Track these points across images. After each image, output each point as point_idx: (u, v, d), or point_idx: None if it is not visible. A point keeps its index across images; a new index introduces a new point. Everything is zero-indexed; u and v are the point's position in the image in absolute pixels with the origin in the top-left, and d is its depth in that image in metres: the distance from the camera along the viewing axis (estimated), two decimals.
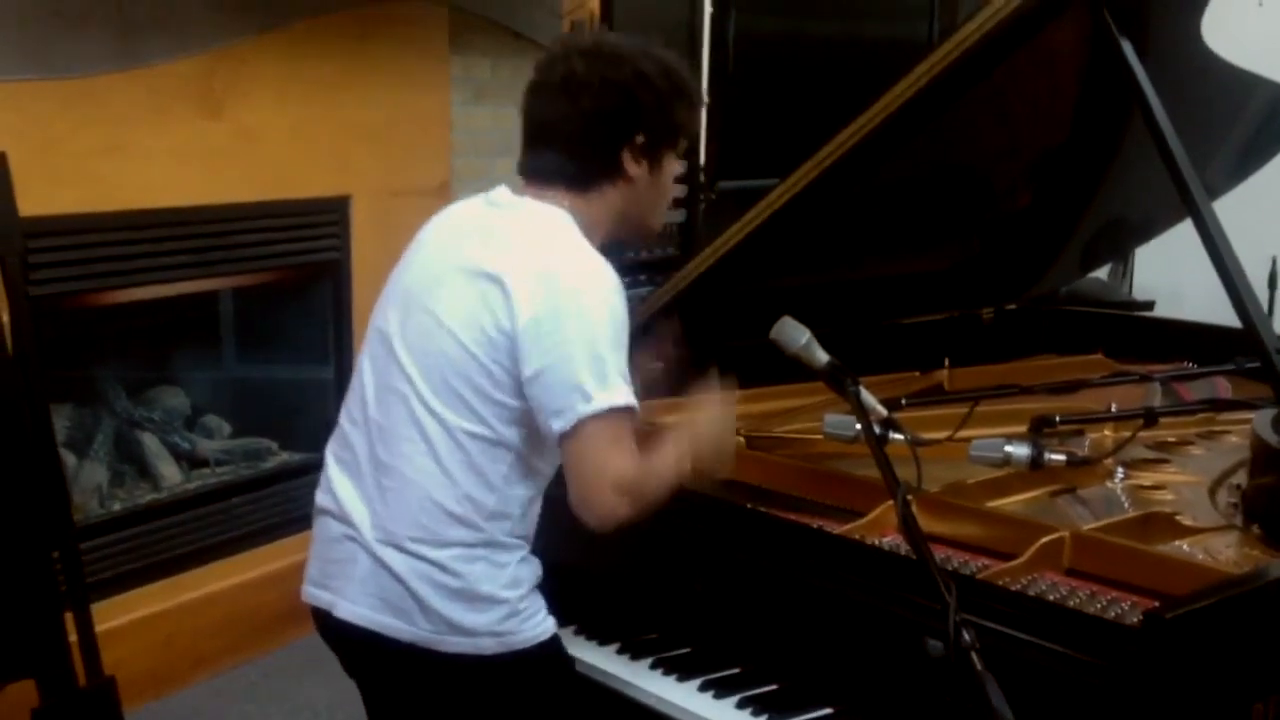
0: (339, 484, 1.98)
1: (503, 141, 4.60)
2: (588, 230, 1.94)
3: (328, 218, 4.00)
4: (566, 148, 1.95)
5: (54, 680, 2.87)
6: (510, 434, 1.87)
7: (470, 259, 1.90)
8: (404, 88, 4.15)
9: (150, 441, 3.88)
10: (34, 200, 3.02)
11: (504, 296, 1.83)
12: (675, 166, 2.05)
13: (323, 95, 3.87)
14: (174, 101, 3.48)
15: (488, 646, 1.87)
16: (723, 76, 5.38)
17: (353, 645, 1.97)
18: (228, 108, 3.62)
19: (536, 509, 1.97)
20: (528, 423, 1.86)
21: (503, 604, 1.88)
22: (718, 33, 5.41)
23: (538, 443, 1.89)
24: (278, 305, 4.15)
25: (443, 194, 4.30)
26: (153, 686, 3.47)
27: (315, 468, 4.14)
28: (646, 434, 1.96)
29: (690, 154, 5.27)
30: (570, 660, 2.03)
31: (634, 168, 1.96)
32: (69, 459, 3.56)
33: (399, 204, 4.10)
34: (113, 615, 3.34)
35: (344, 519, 1.95)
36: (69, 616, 2.93)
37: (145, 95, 3.41)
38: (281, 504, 3.93)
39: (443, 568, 1.86)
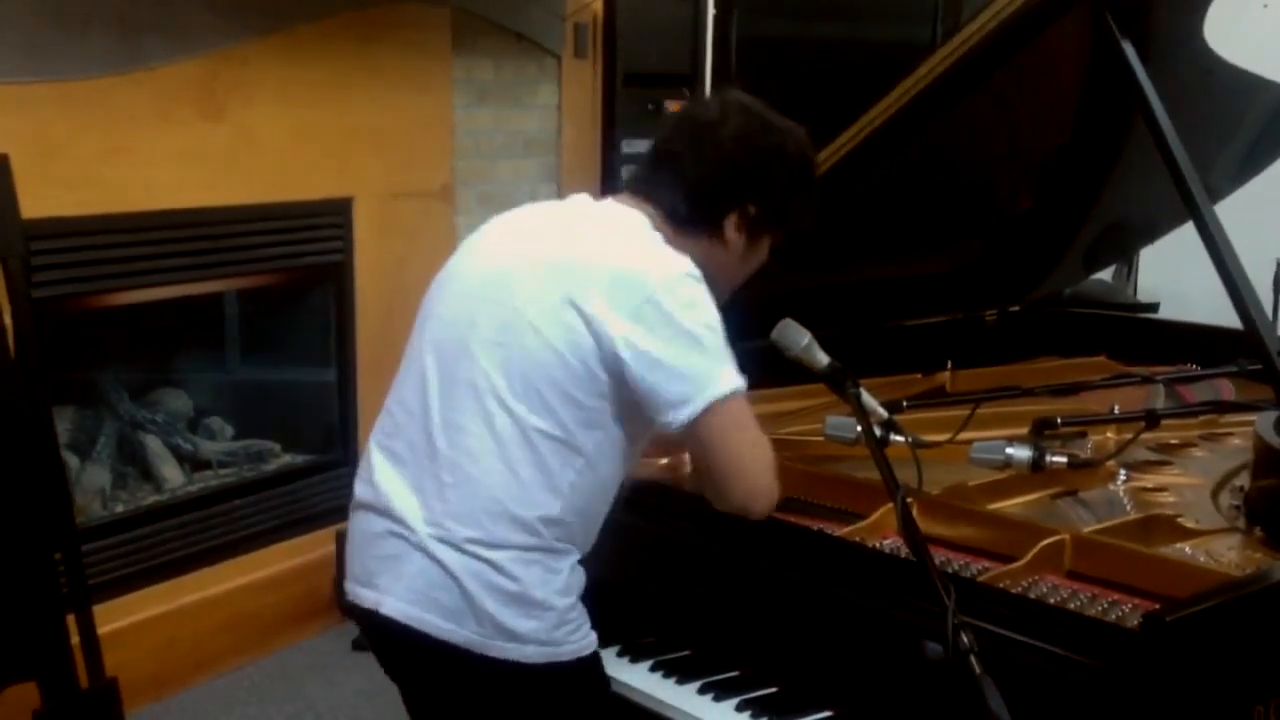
0: (384, 475, 1.92)
1: (505, 143, 4.62)
2: None
3: (330, 220, 4.00)
4: (685, 184, 1.93)
5: (56, 682, 2.87)
6: (584, 438, 1.83)
7: (549, 254, 1.87)
8: (406, 90, 4.15)
9: (153, 443, 3.88)
10: (36, 202, 3.02)
11: (588, 295, 1.79)
12: (765, 253, 2.04)
13: (325, 97, 3.87)
14: (176, 104, 3.49)
15: (532, 655, 1.83)
16: (725, 79, 5.38)
17: (396, 643, 1.92)
18: (230, 110, 3.62)
19: (598, 524, 1.93)
20: (602, 426, 1.83)
21: (554, 610, 1.84)
22: (720, 35, 5.40)
23: (611, 451, 1.86)
24: (280, 307, 4.15)
25: (445, 196, 4.30)
26: (154, 688, 3.47)
27: (318, 470, 4.19)
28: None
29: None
30: (606, 680, 1.99)
31: (733, 234, 1.95)
32: (71, 461, 3.56)
33: (401, 206, 4.11)
34: (114, 617, 3.34)
35: (387, 513, 1.90)
36: (71, 618, 2.93)
37: (147, 98, 3.41)
38: (284, 506, 3.93)
39: (499, 569, 1.81)
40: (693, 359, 1.78)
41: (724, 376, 1.79)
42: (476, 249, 1.99)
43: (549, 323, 1.81)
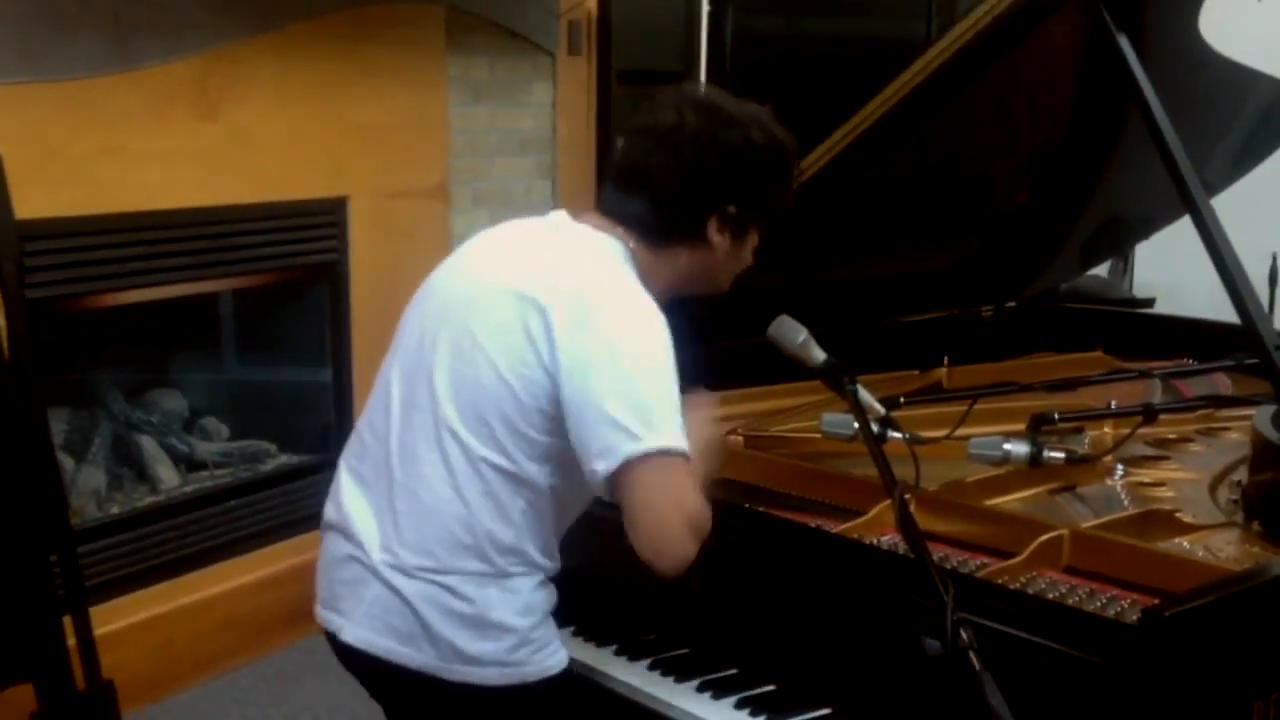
0: (349, 498, 1.93)
1: (500, 141, 4.61)
2: (644, 277, 1.86)
3: (325, 219, 3.99)
4: (656, 198, 1.86)
5: (52, 684, 2.86)
6: (533, 470, 1.80)
7: (514, 282, 1.82)
8: (401, 88, 4.14)
9: (148, 444, 3.87)
10: (30, 203, 3.01)
11: (545, 329, 1.76)
12: (755, 242, 1.98)
13: (319, 96, 3.86)
14: (170, 103, 3.48)
15: (492, 677, 1.82)
16: (720, 75, 5.37)
17: (362, 669, 1.93)
18: (224, 109, 3.61)
19: (556, 545, 1.90)
20: (553, 460, 1.80)
21: (513, 632, 1.82)
22: (715, 31, 5.40)
23: (564, 483, 1.83)
24: (275, 307, 4.14)
25: (440, 195, 4.29)
26: (151, 690, 3.46)
27: (314, 470, 4.18)
28: None
29: None
30: (573, 700, 1.98)
31: (716, 236, 1.88)
32: (67, 462, 3.55)
33: (396, 205, 4.10)
34: (111, 619, 3.33)
35: (350, 536, 1.90)
36: (67, 620, 2.92)
37: (141, 97, 3.40)
38: (280, 506, 3.92)
39: (453, 592, 1.80)
40: (628, 410, 1.71)
41: (656, 434, 1.70)
42: (453, 267, 1.96)
43: (504, 354, 1.79)
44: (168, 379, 4.13)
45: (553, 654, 1.88)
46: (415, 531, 1.83)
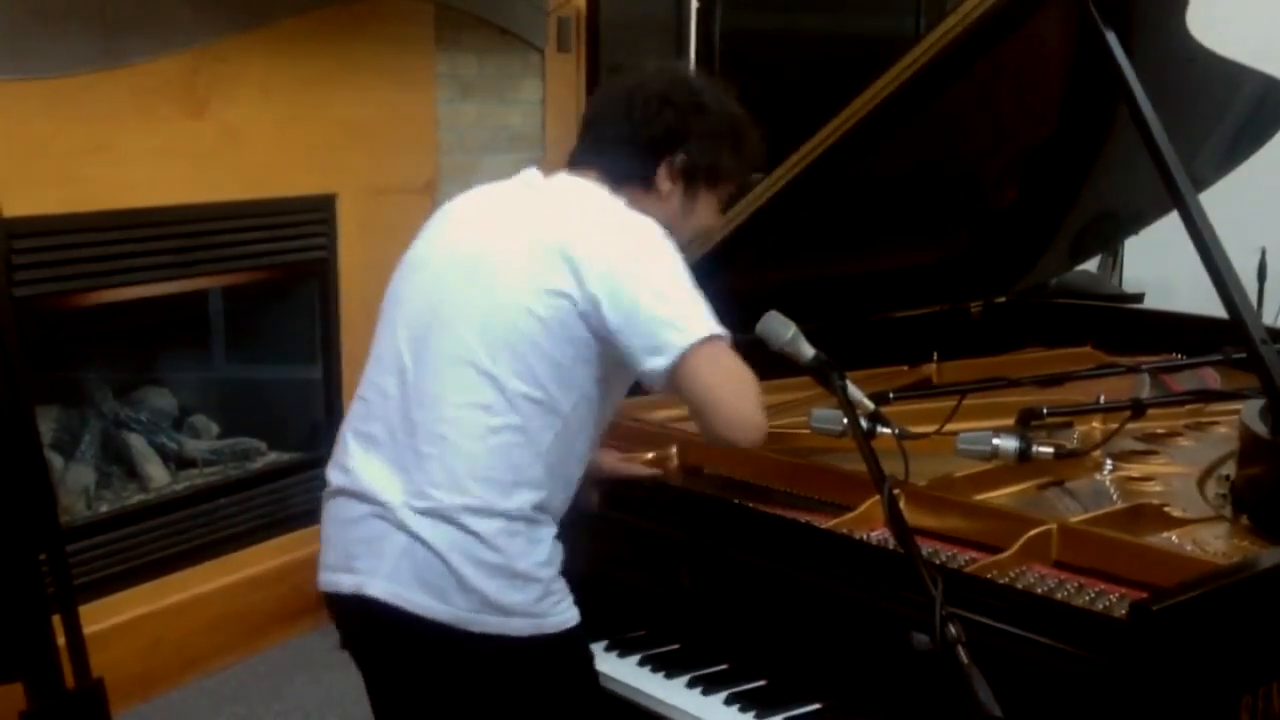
0: (358, 459, 1.94)
1: (489, 138, 4.60)
2: None
3: (314, 216, 3.98)
4: (610, 142, 2.03)
5: (42, 683, 2.85)
6: (564, 400, 1.88)
7: (521, 231, 1.93)
8: (390, 85, 4.13)
9: (137, 442, 3.86)
10: (17, 201, 3.00)
11: (570, 267, 1.86)
12: (710, 212, 2.11)
13: (308, 93, 3.85)
14: (158, 101, 3.47)
15: (519, 628, 1.85)
16: (709, 72, 5.36)
17: (377, 627, 1.91)
18: (212, 106, 3.60)
19: (570, 492, 1.97)
20: (579, 388, 1.89)
21: (538, 582, 1.87)
22: (704, 28, 5.40)
23: (587, 412, 1.92)
24: (264, 305, 4.13)
25: (429, 191, 4.29)
26: (141, 688, 3.45)
27: (304, 467, 4.17)
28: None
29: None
30: (590, 655, 2.00)
31: (666, 184, 2.02)
32: (55, 461, 3.54)
33: (385, 202, 4.09)
34: (101, 617, 3.32)
35: (363, 495, 1.91)
36: (56, 619, 2.92)
37: (129, 95, 3.39)
38: (270, 504, 3.92)
39: (484, 541, 1.84)
40: (663, 312, 1.84)
41: (695, 325, 1.85)
42: (439, 235, 2.05)
43: (527, 292, 1.87)
44: (157, 377, 4.12)
45: (569, 608, 1.93)
46: (445, 471, 1.86)
